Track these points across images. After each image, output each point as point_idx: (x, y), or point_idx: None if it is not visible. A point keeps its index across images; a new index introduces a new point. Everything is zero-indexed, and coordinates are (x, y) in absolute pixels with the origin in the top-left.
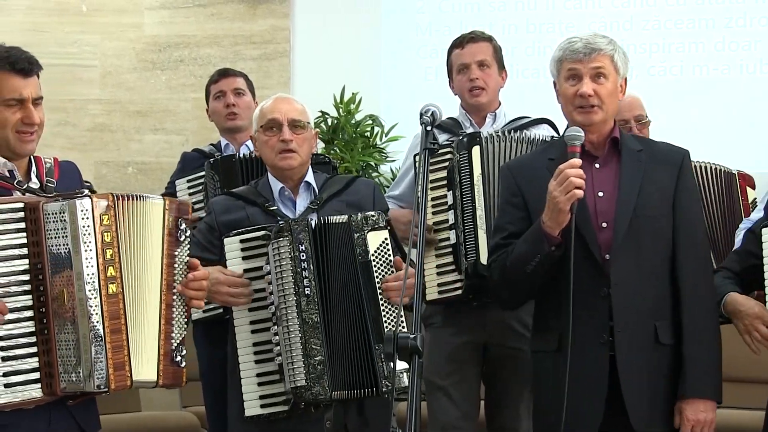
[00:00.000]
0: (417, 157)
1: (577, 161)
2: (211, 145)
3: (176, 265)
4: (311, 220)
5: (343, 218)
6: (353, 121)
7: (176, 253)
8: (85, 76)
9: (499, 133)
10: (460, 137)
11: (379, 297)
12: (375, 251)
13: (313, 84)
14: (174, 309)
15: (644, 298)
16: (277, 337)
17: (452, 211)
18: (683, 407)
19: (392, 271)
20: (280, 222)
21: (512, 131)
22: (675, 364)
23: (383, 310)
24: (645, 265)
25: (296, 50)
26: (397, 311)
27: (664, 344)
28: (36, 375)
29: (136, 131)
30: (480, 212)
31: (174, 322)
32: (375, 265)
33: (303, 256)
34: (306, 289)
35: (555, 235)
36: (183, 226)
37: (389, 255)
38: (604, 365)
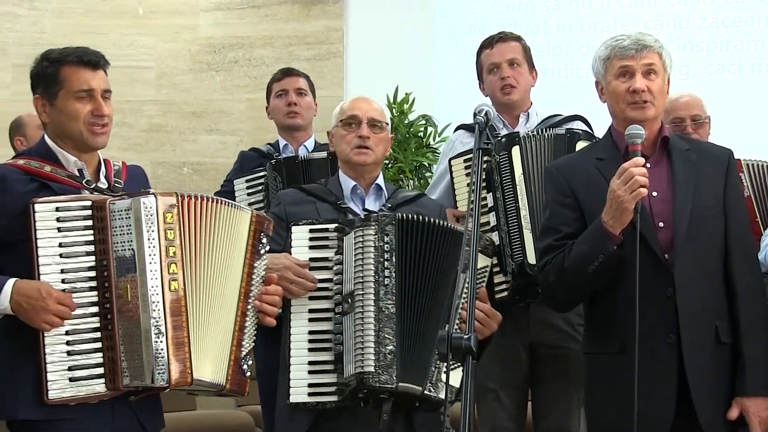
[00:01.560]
0: (453, 161)
1: (641, 160)
2: (269, 144)
3: (254, 277)
4: (400, 214)
5: (461, 228)
6: (406, 121)
7: (256, 264)
8: (141, 78)
9: (537, 132)
10: (497, 138)
11: (458, 313)
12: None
13: (367, 84)
14: (247, 318)
15: (705, 297)
16: (339, 326)
17: (493, 213)
18: (747, 404)
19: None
20: (363, 213)
21: (549, 129)
22: (734, 363)
23: (456, 326)
24: (704, 264)
25: (350, 51)
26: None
27: (725, 343)
28: (100, 370)
29: (191, 132)
30: (524, 212)
31: (246, 331)
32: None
33: (387, 247)
34: (386, 279)
35: (617, 233)
36: (264, 240)
37: (483, 282)
38: (673, 366)
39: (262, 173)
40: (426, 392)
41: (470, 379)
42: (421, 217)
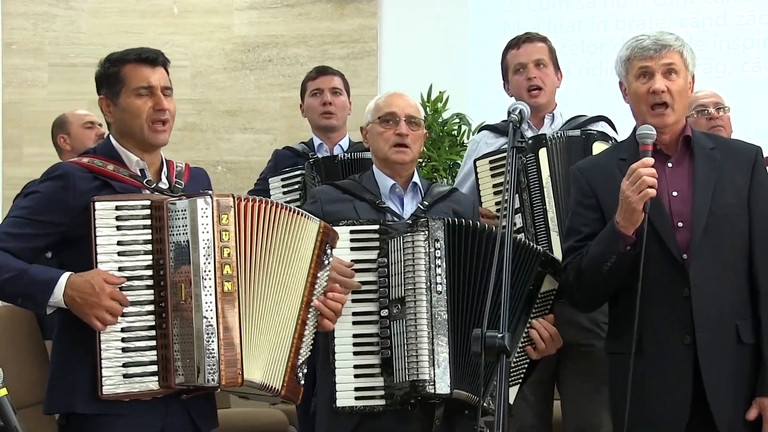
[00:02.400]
0: (478, 162)
1: (650, 160)
2: (303, 143)
3: (317, 287)
4: (448, 219)
5: (537, 247)
6: (440, 120)
7: (319, 275)
8: (175, 77)
9: (562, 134)
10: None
11: (524, 330)
12: (543, 294)
13: (401, 83)
14: (307, 327)
15: (725, 297)
16: (386, 330)
17: (520, 214)
18: (766, 404)
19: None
20: (411, 217)
21: (571, 130)
22: (757, 363)
23: (521, 342)
24: (724, 263)
25: (384, 49)
26: (525, 355)
27: (746, 343)
28: (153, 368)
29: (225, 131)
30: (551, 214)
31: (304, 339)
32: (536, 305)
33: (438, 253)
34: (438, 285)
35: (629, 234)
36: (329, 251)
37: (549, 305)
38: (689, 367)
39: (298, 172)
40: (485, 405)
41: (504, 377)
42: (471, 222)
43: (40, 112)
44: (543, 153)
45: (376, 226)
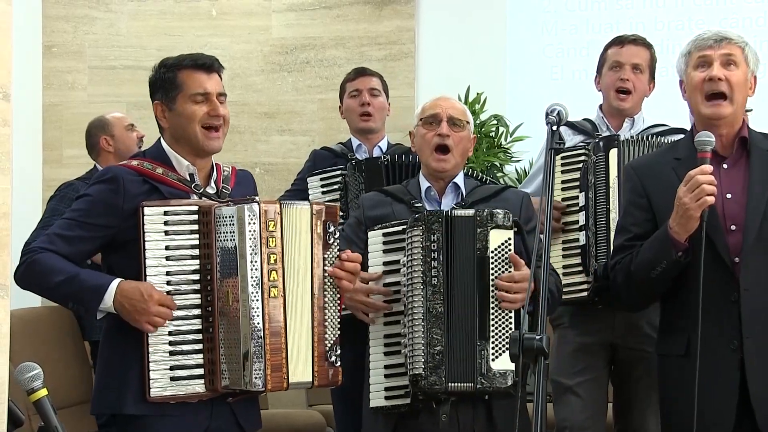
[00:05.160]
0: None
1: (708, 167)
2: (341, 144)
3: (327, 268)
4: (447, 211)
5: (470, 212)
6: (478, 121)
7: (326, 256)
8: None
9: (638, 138)
10: (596, 140)
11: (491, 295)
12: (495, 249)
13: (438, 84)
14: (326, 311)
15: None
16: (405, 329)
17: (583, 212)
18: None
19: (509, 271)
20: (416, 214)
21: (651, 137)
22: None
23: (492, 309)
24: None
25: (421, 51)
26: (506, 313)
27: None
28: (200, 371)
29: (263, 132)
30: (614, 215)
31: (327, 323)
32: (492, 263)
33: (434, 246)
34: (433, 279)
35: (682, 241)
36: (332, 229)
37: (507, 257)
38: (735, 371)
39: (338, 172)
40: (479, 386)
41: (542, 379)
42: (457, 212)
43: (80, 114)
44: (613, 153)
45: (401, 227)
